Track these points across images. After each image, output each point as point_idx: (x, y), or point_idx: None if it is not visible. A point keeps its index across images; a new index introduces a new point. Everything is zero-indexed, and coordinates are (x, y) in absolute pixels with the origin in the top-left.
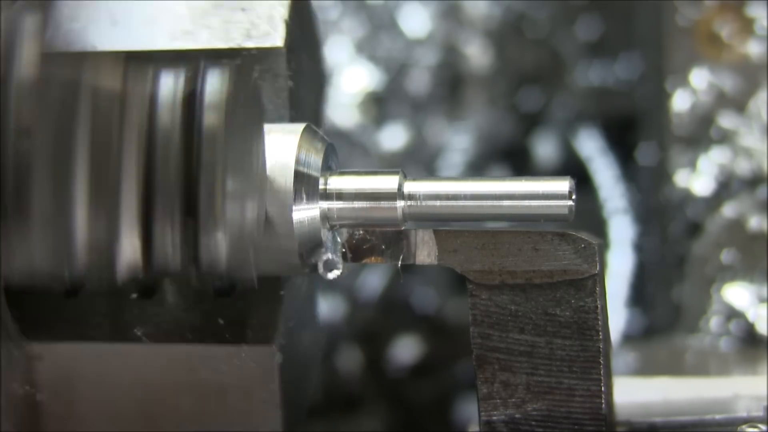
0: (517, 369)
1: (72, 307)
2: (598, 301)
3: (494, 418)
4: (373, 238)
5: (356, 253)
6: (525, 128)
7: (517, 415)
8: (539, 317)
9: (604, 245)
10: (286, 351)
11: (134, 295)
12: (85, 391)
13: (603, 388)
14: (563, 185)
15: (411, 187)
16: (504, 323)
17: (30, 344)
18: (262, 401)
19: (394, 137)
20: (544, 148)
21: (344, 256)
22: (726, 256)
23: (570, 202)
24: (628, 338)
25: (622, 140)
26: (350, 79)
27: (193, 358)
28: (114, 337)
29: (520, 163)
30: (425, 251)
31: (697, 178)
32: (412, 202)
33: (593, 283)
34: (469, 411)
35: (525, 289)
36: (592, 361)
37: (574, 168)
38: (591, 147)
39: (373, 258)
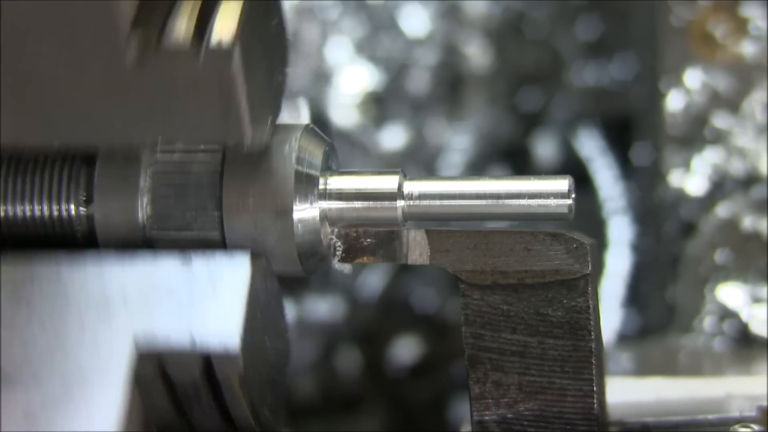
0: (509, 369)
1: None
2: (590, 301)
3: (486, 417)
4: (365, 237)
5: (349, 252)
6: (525, 128)
7: (509, 415)
8: (531, 317)
9: (601, 245)
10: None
11: None
12: None
13: (595, 388)
14: (563, 184)
15: (411, 187)
16: (496, 323)
17: None
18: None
19: (394, 137)
20: (544, 148)
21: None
22: (720, 256)
23: (570, 201)
24: (623, 338)
25: (620, 140)
26: (350, 79)
27: None
28: None
29: (520, 163)
30: (417, 251)
31: (691, 178)
32: (412, 202)
33: (585, 283)
34: (467, 411)
35: (517, 289)
36: (584, 361)
37: (574, 168)
38: (591, 147)
39: (365, 258)
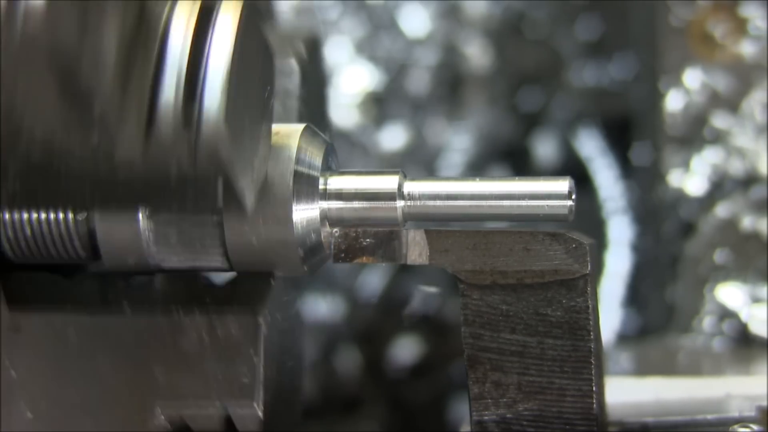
0: (509, 369)
1: (60, 284)
2: (590, 301)
3: (485, 418)
4: (365, 237)
5: (348, 252)
6: (525, 128)
7: (508, 415)
8: (530, 317)
9: (601, 245)
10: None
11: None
12: (64, 365)
13: (594, 388)
14: (563, 185)
15: (411, 187)
16: (495, 323)
17: (11, 314)
18: (243, 372)
19: (394, 137)
20: (544, 148)
21: (336, 256)
22: (719, 256)
23: (570, 202)
24: (623, 338)
25: (619, 140)
26: (350, 79)
27: (176, 329)
28: (97, 311)
29: (520, 163)
30: (416, 251)
31: (691, 178)
32: (412, 202)
33: (584, 283)
34: (466, 411)
35: (516, 289)
36: (583, 361)
37: (574, 168)
38: (591, 147)
39: (364, 258)
